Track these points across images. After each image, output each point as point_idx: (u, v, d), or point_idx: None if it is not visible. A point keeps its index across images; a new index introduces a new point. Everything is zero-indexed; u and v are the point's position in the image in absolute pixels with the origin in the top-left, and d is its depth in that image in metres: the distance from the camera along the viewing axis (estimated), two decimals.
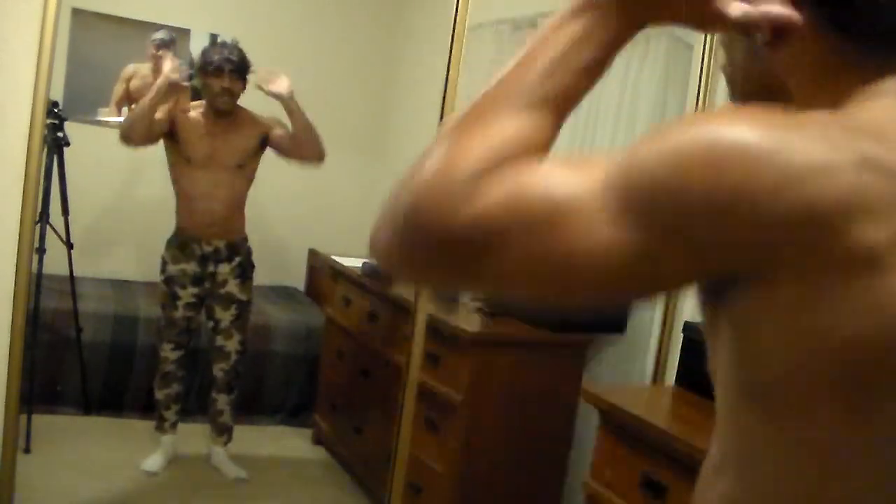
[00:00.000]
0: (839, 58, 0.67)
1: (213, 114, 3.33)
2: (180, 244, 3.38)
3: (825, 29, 0.66)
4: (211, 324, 3.48)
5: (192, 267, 3.36)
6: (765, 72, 0.72)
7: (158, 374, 3.48)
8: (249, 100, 3.49)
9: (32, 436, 3.32)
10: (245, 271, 3.45)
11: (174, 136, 3.32)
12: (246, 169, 3.42)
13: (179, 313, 3.39)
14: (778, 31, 0.68)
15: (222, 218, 3.36)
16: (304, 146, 3.39)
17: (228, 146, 3.36)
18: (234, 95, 3.31)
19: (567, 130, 3.46)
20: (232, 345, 3.45)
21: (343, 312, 3.82)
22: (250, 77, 3.37)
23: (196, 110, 3.37)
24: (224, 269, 3.39)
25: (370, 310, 3.53)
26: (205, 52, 3.34)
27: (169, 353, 3.45)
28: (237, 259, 3.42)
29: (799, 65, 0.69)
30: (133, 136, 3.23)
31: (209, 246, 3.36)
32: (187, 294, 3.38)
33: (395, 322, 3.30)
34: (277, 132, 3.42)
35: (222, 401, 3.53)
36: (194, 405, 4.03)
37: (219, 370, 3.50)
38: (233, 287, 3.41)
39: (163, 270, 3.41)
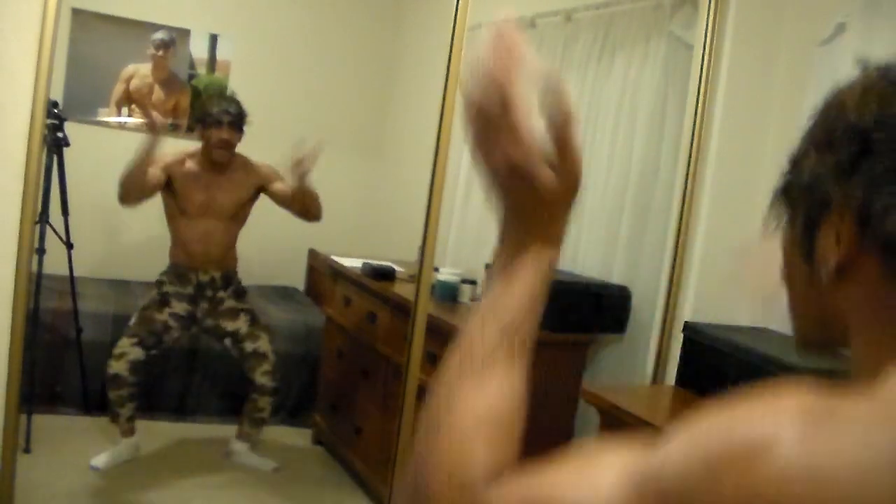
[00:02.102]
0: None
1: (209, 164, 3.37)
2: (177, 274, 3.44)
3: (891, 277, 0.64)
4: (228, 340, 3.49)
5: (188, 290, 3.43)
6: (824, 305, 0.70)
7: (108, 373, 3.32)
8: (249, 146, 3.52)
9: (32, 436, 3.32)
10: (239, 296, 3.53)
11: (170, 188, 3.38)
12: (240, 215, 3.50)
13: (162, 317, 3.38)
14: (842, 267, 0.66)
15: (215, 256, 3.46)
16: (308, 211, 3.50)
17: (224, 196, 3.42)
18: (231, 147, 3.36)
19: None
20: (264, 345, 3.49)
21: (343, 312, 3.82)
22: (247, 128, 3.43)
23: (192, 160, 3.39)
24: (221, 294, 3.48)
25: (370, 310, 3.53)
26: (205, 102, 3.43)
27: (127, 347, 3.31)
28: (231, 287, 3.52)
29: (861, 305, 0.66)
30: (129, 199, 3.28)
31: (206, 275, 3.45)
32: (179, 307, 3.41)
33: (395, 322, 3.30)
34: (278, 186, 3.49)
35: (264, 402, 3.54)
36: (195, 406, 4.03)
37: (262, 375, 3.49)
38: (232, 303, 3.49)
39: (158, 287, 3.44)
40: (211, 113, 3.29)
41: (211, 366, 4.02)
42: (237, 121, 3.33)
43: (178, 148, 3.46)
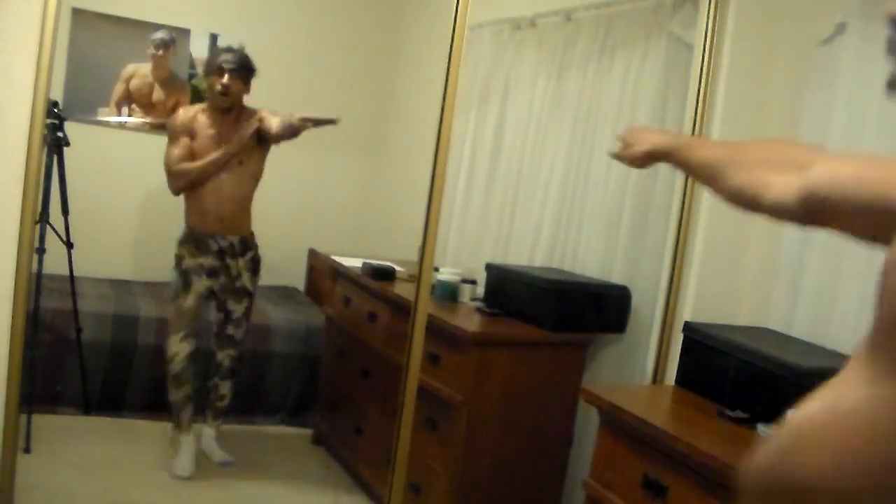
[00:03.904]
0: None
1: (216, 114, 3.38)
2: (195, 241, 3.43)
3: None
4: (222, 315, 3.54)
5: (209, 260, 3.43)
6: None
7: (170, 374, 3.46)
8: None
9: (32, 436, 3.32)
10: (256, 265, 3.56)
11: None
12: (248, 165, 3.44)
13: (190, 302, 3.42)
14: None
15: (231, 214, 3.42)
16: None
17: (239, 140, 3.39)
18: (233, 94, 3.35)
19: (567, 130, 3.48)
20: (240, 333, 3.58)
21: (343, 312, 3.82)
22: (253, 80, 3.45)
23: (200, 111, 3.42)
24: (239, 263, 3.48)
25: (370, 310, 3.53)
26: (211, 55, 3.46)
27: (178, 345, 3.43)
28: (249, 254, 3.52)
29: None
30: (182, 189, 3.39)
31: (224, 241, 3.44)
32: (201, 284, 3.43)
33: (395, 322, 3.30)
34: (265, 117, 3.41)
35: (225, 386, 3.61)
36: (196, 404, 4.03)
37: (226, 356, 3.57)
38: (246, 280, 3.51)
39: (178, 265, 3.45)
40: (214, 61, 3.34)
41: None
42: (238, 69, 3.33)
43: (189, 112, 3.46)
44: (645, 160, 1.41)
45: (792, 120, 2.56)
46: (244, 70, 3.37)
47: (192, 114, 3.42)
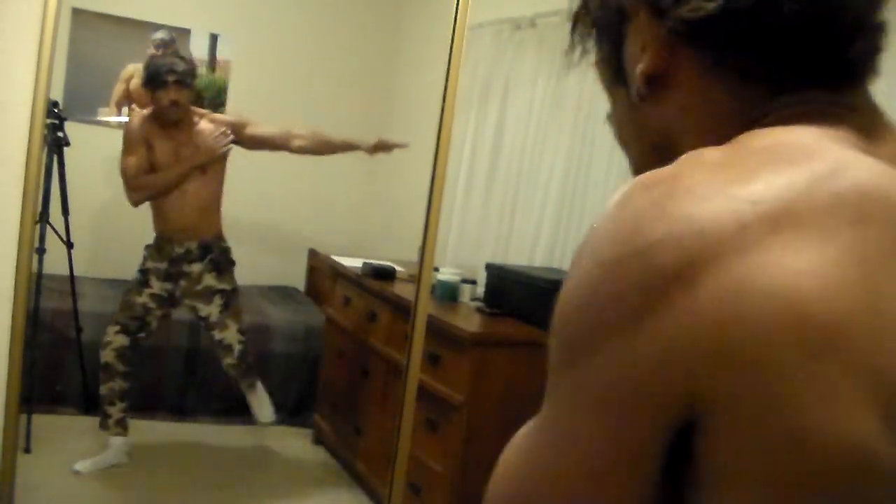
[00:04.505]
0: (728, 98, 0.61)
1: (164, 123, 3.32)
2: (157, 246, 3.42)
3: (709, 68, 0.61)
4: (202, 324, 3.47)
5: (164, 266, 3.38)
6: (652, 127, 0.66)
7: (100, 364, 3.35)
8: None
9: (32, 436, 3.32)
10: (219, 265, 3.42)
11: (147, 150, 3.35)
12: (211, 170, 3.39)
13: (142, 299, 3.36)
14: (656, 77, 0.62)
15: (192, 221, 3.38)
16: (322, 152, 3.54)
17: (190, 148, 3.34)
18: (183, 105, 3.29)
19: (567, 130, 3.47)
20: (231, 336, 3.42)
21: (343, 312, 3.82)
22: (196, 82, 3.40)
23: (147, 122, 3.34)
24: (196, 267, 3.39)
25: (370, 310, 3.53)
26: (148, 65, 3.30)
27: (113, 336, 3.34)
28: (209, 256, 3.41)
29: (687, 110, 0.63)
30: (141, 202, 3.37)
31: (181, 248, 3.38)
32: (157, 286, 3.38)
33: (395, 322, 3.30)
34: (252, 130, 3.42)
35: (245, 385, 3.49)
36: (194, 406, 4.03)
37: (227, 365, 3.47)
38: (209, 280, 3.39)
39: (141, 265, 3.43)
40: (156, 74, 3.22)
41: (211, 365, 4.02)
42: (183, 78, 3.25)
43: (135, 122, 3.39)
44: None
45: None
46: (189, 76, 3.29)
47: (145, 122, 3.33)
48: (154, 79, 3.23)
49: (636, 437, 0.51)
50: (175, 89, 3.22)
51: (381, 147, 3.36)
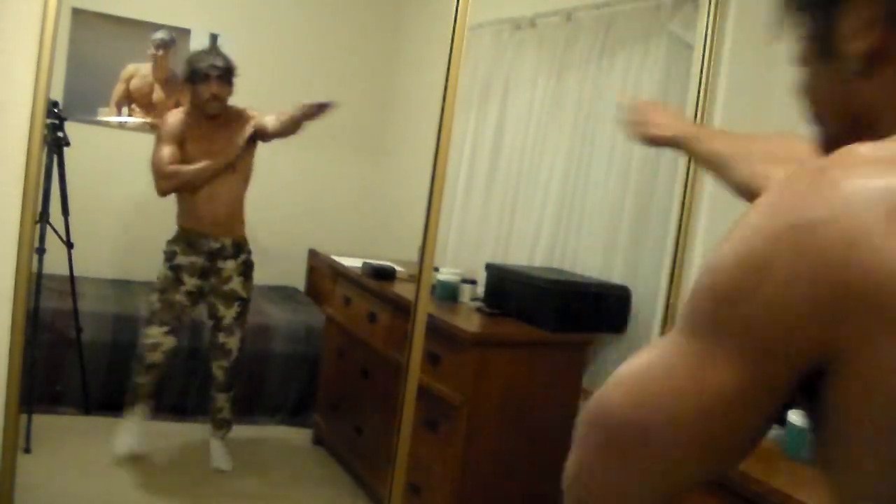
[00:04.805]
0: None
1: (202, 119, 3.37)
2: (187, 241, 3.42)
3: None
4: (212, 322, 3.50)
5: (200, 260, 3.42)
6: (853, 103, 0.68)
7: (145, 362, 3.40)
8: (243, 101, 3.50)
9: (32, 436, 3.32)
10: (248, 269, 3.51)
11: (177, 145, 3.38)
12: (241, 166, 3.44)
13: (180, 297, 3.42)
14: (871, 58, 0.64)
15: (224, 217, 3.41)
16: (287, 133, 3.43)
17: (222, 146, 3.38)
18: (223, 100, 3.34)
19: (567, 130, 3.47)
20: (233, 342, 3.49)
21: (343, 312, 3.82)
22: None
23: (186, 118, 3.38)
24: (230, 265, 3.44)
25: (370, 310, 3.53)
26: (190, 60, 3.35)
27: (160, 337, 3.39)
28: (241, 257, 3.48)
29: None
30: (169, 193, 3.39)
31: (216, 242, 3.42)
32: (191, 283, 3.42)
33: (395, 322, 3.30)
34: (267, 120, 3.41)
35: (222, 399, 3.56)
36: (195, 406, 4.03)
37: (218, 368, 3.51)
38: (236, 284, 3.46)
39: (169, 259, 3.44)
40: (199, 68, 3.28)
41: (211, 365, 4.02)
42: (226, 74, 3.32)
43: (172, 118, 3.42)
44: (660, 143, 1.44)
45: (792, 120, 2.55)
46: (230, 73, 3.35)
47: (182, 118, 3.39)
48: (196, 72, 3.28)
49: (771, 374, 0.59)
50: (217, 84, 3.29)
51: (309, 112, 3.30)
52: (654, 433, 0.63)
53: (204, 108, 3.32)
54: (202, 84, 3.28)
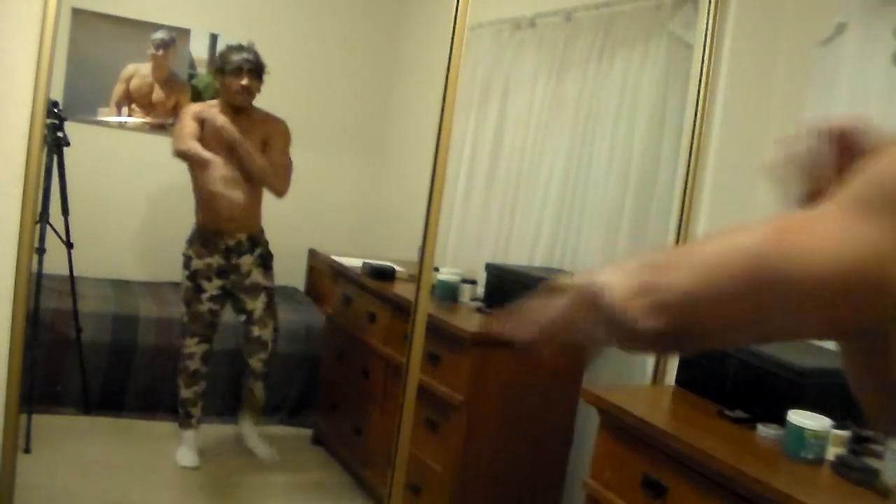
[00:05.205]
0: None
1: (230, 111, 3.39)
2: (203, 240, 3.46)
3: None
4: (243, 317, 3.55)
5: (216, 260, 3.46)
6: None
7: (184, 373, 3.52)
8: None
9: (32, 436, 3.32)
10: (266, 261, 3.57)
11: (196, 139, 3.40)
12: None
13: (204, 306, 3.47)
14: None
15: (242, 212, 3.41)
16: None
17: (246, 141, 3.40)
18: (252, 94, 3.40)
19: (567, 130, 3.47)
20: (268, 334, 3.56)
21: (343, 312, 3.82)
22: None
23: (213, 109, 3.42)
24: (247, 260, 3.49)
25: (370, 310, 3.53)
26: (223, 54, 3.43)
27: (194, 347, 3.50)
28: (258, 250, 3.53)
29: None
30: (181, 152, 3.37)
31: (232, 239, 3.46)
32: (212, 286, 3.47)
33: (394, 322, 3.30)
34: (271, 152, 3.45)
35: (259, 388, 3.63)
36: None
37: (258, 361, 3.58)
38: (258, 276, 3.52)
39: (186, 266, 3.48)
40: (231, 60, 3.34)
41: (211, 365, 4.02)
42: (256, 68, 3.38)
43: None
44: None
45: (792, 120, 2.56)
46: (260, 69, 3.42)
47: (206, 108, 3.42)
48: (229, 64, 3.34)
49: None
50: (248, 77, 3.34)
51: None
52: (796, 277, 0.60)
53: (233, 99, 3.37)
54: (233, 76, 3.33)
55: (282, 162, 3.45)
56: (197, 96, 4.58)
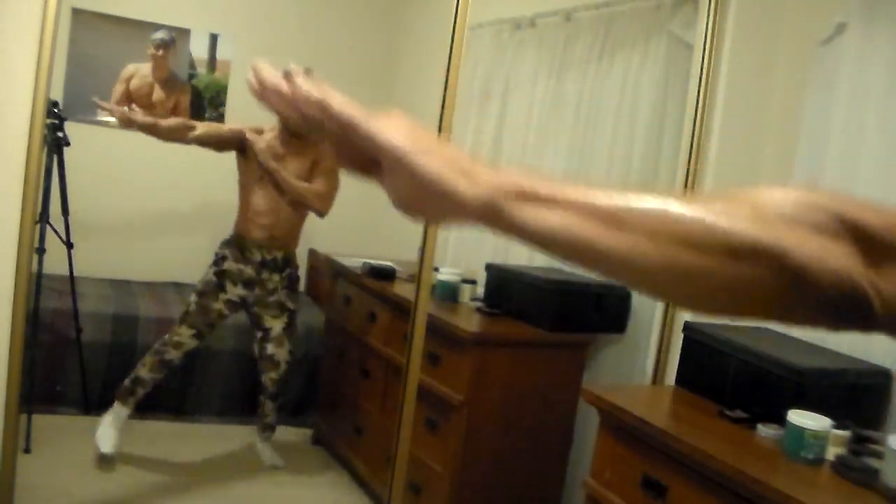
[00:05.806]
0: None
1: (286, 134, 3.39)
2: (240, 248, 3.45)
3: None
4: (260, 333, 3.52)
5: (248, 270, 3.44)
6: None
7: (158, 356, 3.39)
8: None
9: (32, 436, 3.32)
10: (292, 283, 3.55)
11: (245, 153, 3.42)
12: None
13: (218, 305, 3.44)
14: None
15: (282, 233, 3.46)
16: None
17: (295, 167, 3.41)
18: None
19: (567, 130, 3.47)
20: (282, 354, 3.53)
21: (343, 312, 3.82)
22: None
23: (271, 133, 3.43)
24: (275, 277, 3.48)
25: (370, 310, 3.53)
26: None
27: (186, 338, 3.41)
28: (287, 271, 3.52)
29: None
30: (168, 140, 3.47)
31: (269, 255, 3.46)
32: (234, 291, 3.44)
33: (394, 322, 3.30)
34: (315, 180, 3.45)
35: (269, 406, 3.60)
36: (195, 405, 4.03)
37: (268, 379, 3.55)
38: (282, 296, 3.49)
39: (217, 263, 3.46)
40: None
41: (211, 365, 4.02)
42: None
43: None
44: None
45: (792, 120, 2.56)
46: None
47: (259, 131, 3.42)
48: None
49: None
50: None
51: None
52: None
53: (287, 123, 3.32)
54: None
55: (327, 184, 3.43)
56: (197, 96, 4.58)
